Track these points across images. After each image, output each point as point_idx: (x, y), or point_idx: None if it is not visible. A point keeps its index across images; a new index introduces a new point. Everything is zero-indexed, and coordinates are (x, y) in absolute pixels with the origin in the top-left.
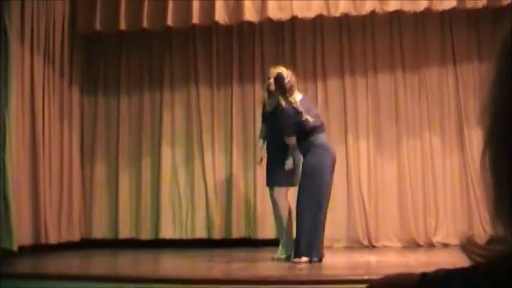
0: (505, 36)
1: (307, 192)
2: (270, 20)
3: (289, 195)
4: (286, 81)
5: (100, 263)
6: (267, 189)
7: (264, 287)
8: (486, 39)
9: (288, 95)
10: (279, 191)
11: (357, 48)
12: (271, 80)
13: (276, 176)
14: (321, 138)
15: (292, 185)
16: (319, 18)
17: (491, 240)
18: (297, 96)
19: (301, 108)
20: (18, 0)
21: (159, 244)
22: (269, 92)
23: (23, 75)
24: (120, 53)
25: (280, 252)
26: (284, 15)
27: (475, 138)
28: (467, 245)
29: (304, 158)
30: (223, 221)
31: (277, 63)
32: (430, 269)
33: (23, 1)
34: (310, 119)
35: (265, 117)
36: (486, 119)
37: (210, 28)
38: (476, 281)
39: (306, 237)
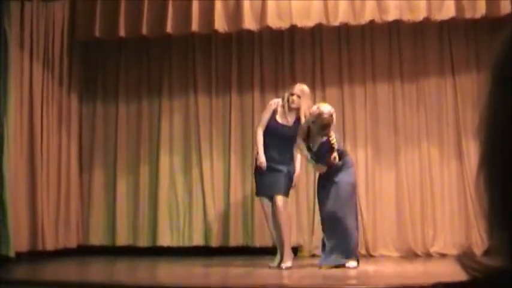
0: (499, 50)
1: (348, 206)
2: (269, 28)
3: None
4: (332, 119)
5: (97, 270)
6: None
7: None
8: (485, 49)
9: (328, 131)
10: (283, 200)
11: (356, 58)
12: (295, 97)
13: (283, 185)
14: (351, 159)
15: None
16: (318, 27)
17: (488, 252)
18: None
19: (337, 146)
20: (18, 6)
21: (157, 251)
22: (290, 108)
23: (22, 81)
24: (119, 60)
25: (277, 261)
26: (283, 24)
27: (473, 149)
28: (464, 259)
29: (337, 175)
30: (220, 228)
31: (276, 72)
32: (427, 279)
33: (22, 7)
34: (337, 159)
35: (277, 127)
36: (482, 134)
37: (209, 36)
38: None
39: (352, 244)
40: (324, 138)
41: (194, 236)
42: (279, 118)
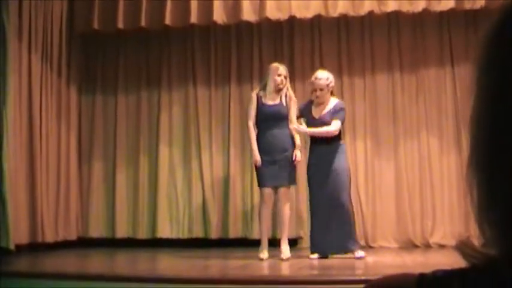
0: (482, 46)
1: (346, 191)
2: (268, 20)
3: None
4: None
5: (97, 262)
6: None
7: (260, 287)
8: None
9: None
10: (287, 191)
11: (355, 49)
12: (283, 78)
13: (287, 175)
14: (344, 145)
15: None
16: (318, 18)
17: (484, 243)
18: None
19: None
20: None
21: (156, 243)
22: (278, 89)
23: (20, 73)
24: (118, 52)
25: (266, 253)
26: (282, 15)
27: None
28: (462, 247)
29: (335, 159)
30: (220, 220)
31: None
32: (427, 269)
33: None
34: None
35: (268, 108)
36: (471, 129)
37: (208, 28)
38: (474, 280)
39: (355, 233)
40: (325, 111)
41: (193, 228)
42: (267, 100)
